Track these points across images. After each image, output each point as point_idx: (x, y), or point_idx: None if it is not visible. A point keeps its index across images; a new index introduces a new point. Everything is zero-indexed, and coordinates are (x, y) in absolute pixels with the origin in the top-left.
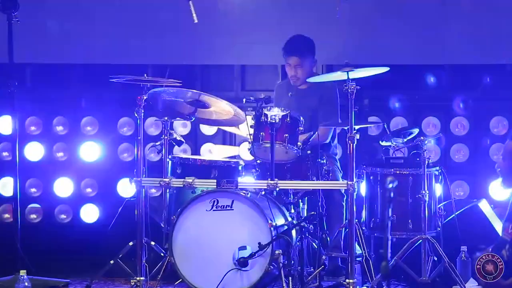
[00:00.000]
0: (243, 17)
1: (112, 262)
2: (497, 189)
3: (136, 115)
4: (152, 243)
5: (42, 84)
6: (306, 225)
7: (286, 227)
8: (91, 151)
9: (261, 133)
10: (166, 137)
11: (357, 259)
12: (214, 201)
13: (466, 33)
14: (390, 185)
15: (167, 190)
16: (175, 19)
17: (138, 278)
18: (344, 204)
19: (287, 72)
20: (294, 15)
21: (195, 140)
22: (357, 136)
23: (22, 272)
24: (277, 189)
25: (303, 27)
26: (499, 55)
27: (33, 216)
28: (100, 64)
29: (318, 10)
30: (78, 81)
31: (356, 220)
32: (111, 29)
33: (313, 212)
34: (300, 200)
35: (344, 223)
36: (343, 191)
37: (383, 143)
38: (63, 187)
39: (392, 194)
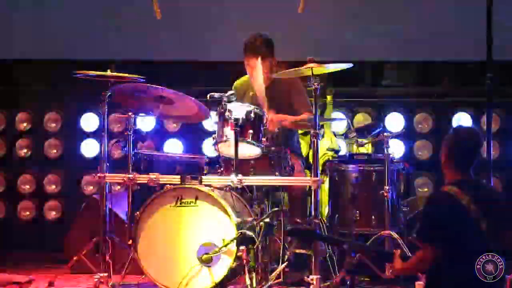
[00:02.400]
0: (207, 13)
1: (75, 258)
2: None
3: (100, 111)
4: (116, 239)
5: (5, 79)
6: (270, 222)
7: (250, 224)
8: (54, 147)
9: (225, 130)
10: (129, 133)
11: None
12: (178, 197)
13: (427, 29)
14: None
15: (131, 186)
16: (139, 14)
17: (101, 274)
18: (307, 200)
19: (247, 72)
20: (259, 10)
21: (159, 136)
22: (321, 132)
23: None
24: (241, 185)
25: (267, 22)
26: (461, 52)
27: None
28: (63, 60)
29: (282, 5)
30: (41, 77)
31: (320, 217)
32: (74, 24)
33: (276, 208)
34: (264, 196)
35: (308, 219)
36: (307, 187)
37: (347, 141)
38: (27, 183)
39: (355, 190)
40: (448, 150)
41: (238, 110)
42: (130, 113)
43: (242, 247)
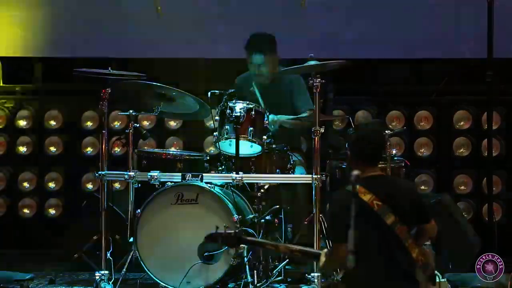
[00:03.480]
0: (208, 10)
1: (76, 256)
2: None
3: (100, 108)
4: (117, 236)
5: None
6: (270, 219)
7: (250, 221)
8: (55, 145)
9: (226, 127)
10: (131, 131)
11: None
12: (179, 194)
13: (429, 26)
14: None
15: (132, 184)
16: (140, 12)
17: (102, 272)
18: (308, 197)
19: (249, 69)
20: (259, 7)
21: (160, 133)
22: (322, 130)
23: None
24: (242, 182)
25: (268, 20)
26: (462, 49)
27: None
28: (63, 58)
29: (283, 2)
30: (42, 74)
31: (321, 214)
32: (74, 22)
33: (277, 206)
34: (264, 194)
35: (308, 216)
36: (308, 185)
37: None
38: (27, 181)
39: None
40: (351, 148)
41: (239, 107)
42: (130, 111)
43: (242, 245)
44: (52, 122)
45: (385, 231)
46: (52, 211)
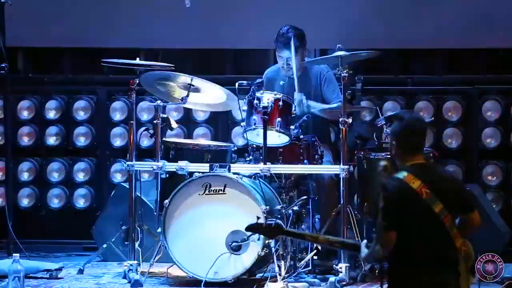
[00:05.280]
0: (235, 1)
1: (105, 246)
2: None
3: (129, 99)
4: (145, 227)
5: (34, 68)
6: (298, 210)
7: (278, 212)
8: (83, 136)
9: (254, 118)
10: (158, 122)
11: None
12: (206, 185)
13: (457, 16)
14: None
15: (160, 175)
16: (169, 2)
17: (131, 262)
18: (336, 188)
19: (278, 62)
20: None
21: (187, 124)
22: (350, 121)
23: (15, 256)
24: (270, 173)
25: (297, 10)
26: (491, 39)
27: (25, 200)
28: (91, 48)
29: None
30: (70, 65)
31: (349, 205)
32: (103, 12)
33: (305, 197)
34: (292, 184)
35: (336, 207)
36: (335, 176)
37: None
38: (56, 171)
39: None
40: (395, 138)
41: (267, 98)
42: (158, 102)
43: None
44: (81, 113)
45: (433, 219)
46: (80, 202)
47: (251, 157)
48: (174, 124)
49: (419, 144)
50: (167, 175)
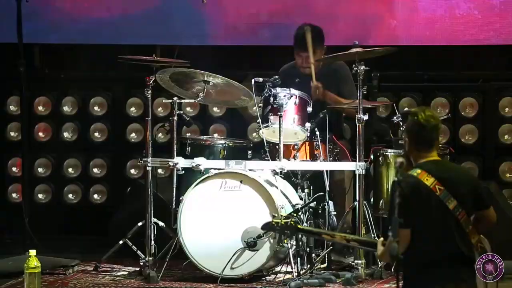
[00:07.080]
0: None
1: (121, 242)
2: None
3: (145, 95)
4: (161, 223)
5: (51, 64)
6: (314, 206)
7: (294, 208)
8: (100, 132)
9: (270, 114)
10: (174, 118)
11: None
12: (222, 182)
13: (473, 13)
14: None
15: (176, 171)
16: None
17: (146, 258)
18: (352, 185)
19: (296, 60)
20: None
21: (203, 120)
22: (366, 117)
23: (32, 252)
24: (285, 170)
25: (313, 8)
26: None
27: (41, 196)
28: (108, 45)
29: None
30: (87, 61)
31: (365, 202)
32: (119, 9)
33: (321, 193)
34: (308, 181)
35: (352, 204)
36: (351, 172)
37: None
38: (72, 167)
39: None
40: (408, 134)
41: (282, 95)
42: (174, 98)
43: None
44: (97, 109)
45: (447, 216)
46: (97, 198)
47: (267, 153)
48: (188, 118)
49: (431, 140)
50: (183, 171)
